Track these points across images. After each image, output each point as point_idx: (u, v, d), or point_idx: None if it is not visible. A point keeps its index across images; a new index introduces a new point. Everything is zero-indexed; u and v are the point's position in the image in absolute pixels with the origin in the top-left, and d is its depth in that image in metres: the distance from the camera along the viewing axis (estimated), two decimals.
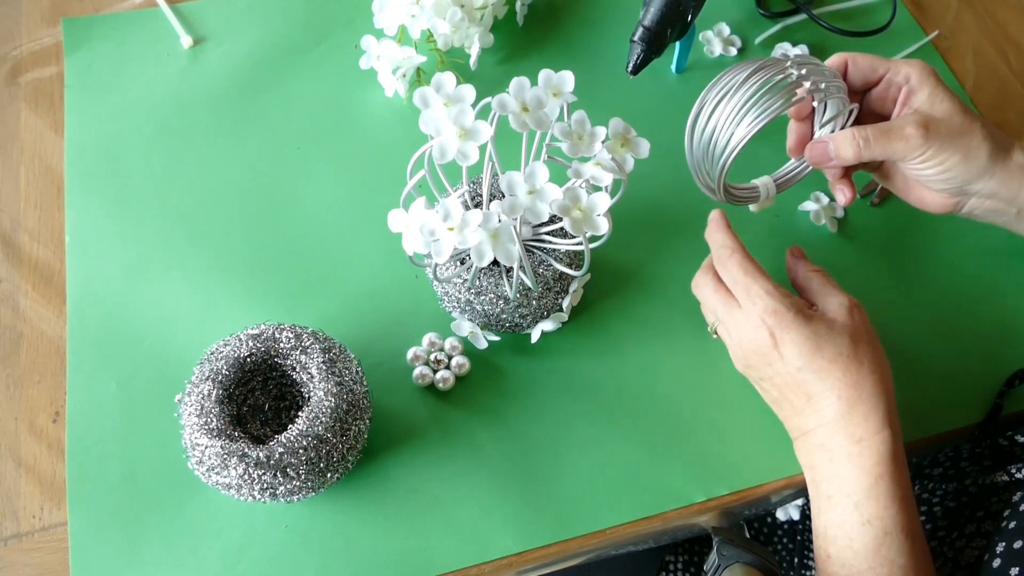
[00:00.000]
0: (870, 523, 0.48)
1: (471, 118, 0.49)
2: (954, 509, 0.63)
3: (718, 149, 0.52)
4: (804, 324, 0.50)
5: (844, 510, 0.49)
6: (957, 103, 0.53)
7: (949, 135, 0.52)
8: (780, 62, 0.52)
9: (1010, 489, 0.58)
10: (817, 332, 0.50)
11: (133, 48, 0.73)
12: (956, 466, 0.65)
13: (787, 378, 0.52)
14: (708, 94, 0.52)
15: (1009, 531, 0.50)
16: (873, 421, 0.49)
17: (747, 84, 0.51)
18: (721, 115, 0.51)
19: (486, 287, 0.56)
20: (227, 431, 0.49)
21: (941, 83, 0.54)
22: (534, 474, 0.57)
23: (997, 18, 0.82)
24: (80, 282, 0.62)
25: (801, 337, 0.50)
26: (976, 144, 0.52)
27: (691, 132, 0.53)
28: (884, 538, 0.48)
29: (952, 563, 0.56)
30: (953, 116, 0.53)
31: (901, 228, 0.69)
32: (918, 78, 0.53)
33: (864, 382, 0.49)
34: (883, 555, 0.48)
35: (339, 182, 0.68)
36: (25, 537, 0.54)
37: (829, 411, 0.50)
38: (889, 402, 0.50)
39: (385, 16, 0.69)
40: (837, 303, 0.52)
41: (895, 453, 0.49)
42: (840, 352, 0.50)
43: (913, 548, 0.48)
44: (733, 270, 0.53)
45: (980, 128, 0.53)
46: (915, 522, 0.49)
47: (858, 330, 0.51)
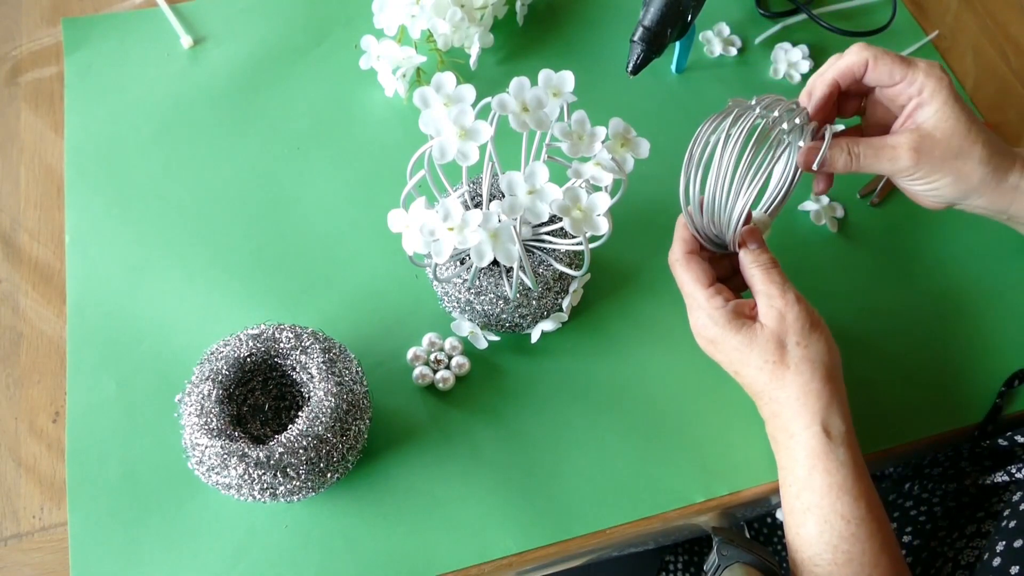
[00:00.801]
0: (809, 511, 0.50)
1: (471, 118, 0.49)
2: (954, 509, 0.63)
3: (724, 215, 0.52)
4: (732, 335, 0.52)
5: (789, 499, 0.52)
6: (963, 122, 0.53)
7: (942, 158, 0.53)
8: (747, 107, 0.52)
9: (1010, 489, 0.58)
10: (743, 343, 0.52)
11: (133, 48, 0.73)
12: (956, 466, 0.65)
13: (735, 378, 0.55)
14: (692, 154, 0.52)
15: (1009, 530, 0.50)
16: (803, 418, 0.51)
17: (730, 143, 0.51)
18: (717, 184, 0.52)
19: (486, 287, 0.56)
20: (227, 431, 0.49)
21: (952, 97, 0.53)
22: (534, 474, 0.57)
23: (997, 18, 0.82)
24: (80, 282, 0.62)
25: (729, 348, 0.52)
26: (970, 169, 0.53)
27: (687, 194, 0.52)
28: (824, 525, 0.50)
29: (952, 563, 0.57)
30: (953, 137, 0.53)
31: (901, 228, 0.69)
32: (930, 92, 0.53)
33: (790, 385, 0.51)
34: (826, 541, 0.49)
35: (339, 182, 0.68)
36: (25, 537, 0.54)
37: (766, 410, 0.53)
38: (821, 398, 0.50)
39: (385, 16, 0.69)
40: (767, 306, 0.52)
41: (826, 446, 0.50)
42: (766, 360, 0.51)
43: (857, 533, 0.49)
44: (677, 276, 0.55)
45: (979, 151, 0.53)
46: (861, 509, 0.49)
47: (786, 333, 0.51)
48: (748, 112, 0.52)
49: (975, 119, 0.53)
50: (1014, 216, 0.56)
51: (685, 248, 0.55)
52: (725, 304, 0.52)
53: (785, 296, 0.52)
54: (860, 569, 0.49)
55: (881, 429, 0.61)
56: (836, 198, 0.69)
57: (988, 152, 0.53)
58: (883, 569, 0.49)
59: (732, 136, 0.51)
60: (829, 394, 0.51)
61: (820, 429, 0.50)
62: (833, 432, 0.50)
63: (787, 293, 0.52)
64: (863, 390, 0.62)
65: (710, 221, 0.53)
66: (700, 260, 0.54)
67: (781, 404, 0.51)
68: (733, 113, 0.52)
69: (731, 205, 0.52)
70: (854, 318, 0.64)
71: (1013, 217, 0.56)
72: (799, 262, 0.66)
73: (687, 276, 0.54)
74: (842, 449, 0.50)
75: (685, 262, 0.54)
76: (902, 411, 0.62)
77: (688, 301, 0.54)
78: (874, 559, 0.49)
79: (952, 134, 0.53)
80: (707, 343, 0.54)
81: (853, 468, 0.50)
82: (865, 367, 0.63)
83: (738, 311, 0.52)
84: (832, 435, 0.50)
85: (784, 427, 0.52)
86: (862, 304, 0.65)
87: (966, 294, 0.66)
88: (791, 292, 0.52)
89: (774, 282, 0.52)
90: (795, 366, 0.51)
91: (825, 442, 0.50)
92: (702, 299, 0.53)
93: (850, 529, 0.49)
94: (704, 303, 0.53)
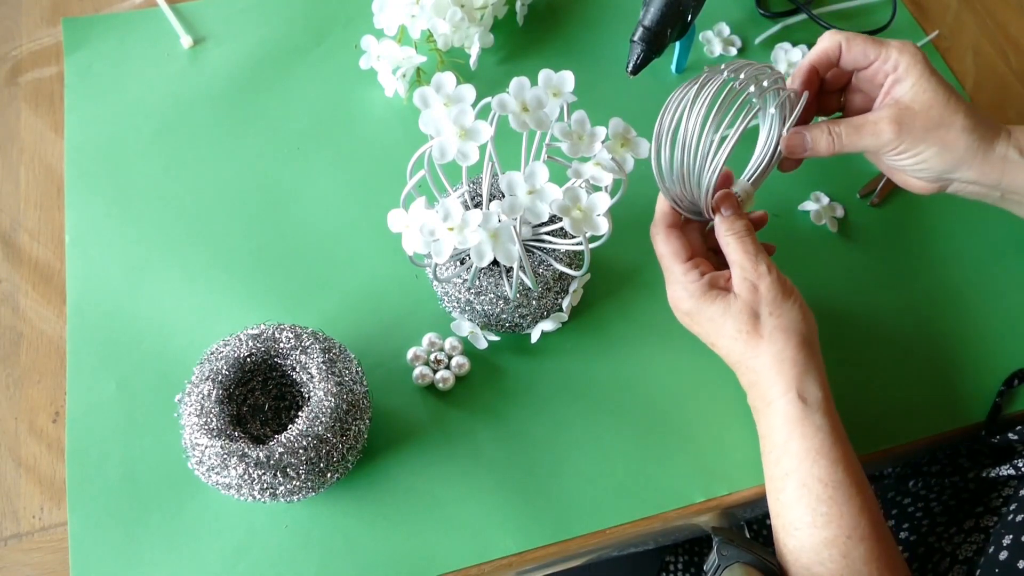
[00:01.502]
0: (788, 476, 0.51)
1: (471, 118, 0.49)
2: (953, 505, 0.63)
3: (695, 182, 0.52)
4: (706, 307, 0.53)
5: (769, 465, 0.52)
6: (941, 93, 0.53)
7: (924, 129, 0.53)
8: (716, 72, 0.52)
9: (1011, 483, 0.58)
10: (717, 313, 0.52)
11: (133, 48, 0.73)
12: (954, 463, 0.66)
13: (712, 349, 0.55)
14: (662, 123, 0.52)
15: (1017, 523, 0.50)
16: (778, 385, 0.51)
17: (697, 105, 0.51)
18: (685, 150, 0.52)
19: (486, 287, 0.56)
20: (227, 431, 0.49)
21: (928, 71, 0.54)
22: (534, 474, 0.57)
23: (997, 18, 0.82)
24: (80, 282, 0.62)
25: (703, 319, 0.53)
26: (953, 137, 0.53)
27: (659, 164, 0.52)
28: (802, 489, 0.50)
29: (950, 557, 0.57)
30: (933, 108, 0.53)
31: (901, 228, 0.69)
32: (905, 67, 0.54)
33: (764, 354, 0.51)
34: (804, 504, 0.50)
35: (339, 182, 0.68)
36: (25, 537, 0.54)
37: (744, 380, 0.54)
38: (796, 366, 0.51)
39: (385, 16, 0.69)
40: (740, 278, 0.53)
41: (802, 412, 0.50)
42: (740, 329, 0.52)
43: (835, 496, 0.49)
44: (656, 250, 0.56)
45: (961, 119, 0.53)
46: (839, 473, 0.50)
47: (759, 303, 0.52)
48: (716, 76, 0.52)
49: (953, 91, 0.54)
50: (1008, 190, 0.56)
51: (666, 221, 0.55)
52: (700, 278, 0.53)
53: (757, 267, 0.52)
54: (839, 531, 0.49)
55: (881, 429, 0.61)
56: (836, 198, 0.69)
57: (971, 121, 0.53)
58: (862, 531, 0.49)
59: (698, 101, 0.51)
60: (804, 361, 0.51)
61: (796, 396, 0.51)
62: (809, 398, 0.51)
63: (759, 264, 0.52)
64: (862, 390, 0.62)
65: (683, 189, 0.53)
66: (679, 234, 0.55)
67: (757, 373, 0.52)
68: (700, 79, 0.52)
69: (700, 170, 0.52)
70: (853, 317, 0.64)
71: (1007, 192, 0.56)
72: (799, 262, 0.66)
73: (665, 249, 0.55)
74: (819, 415, 0.50)
75: (665, 236, 0.55)
76: (902, 411, 0.62)
77: (666, 275, 0.55)
78: (853, 522, 0.49)
79: (931, 104, 0.53)
80: (683, 315, 0.55)
81: (831, 433, 0.50)
82: (864, 367, 0.63)
83: (712, 283, 0.53)
84: (808, 401, 0.51)
85: (762, 395, 0.52)
86: (862, 304, 0.65)
87: (966, 294, 0.66)
88: (763, 262, 0.52)
89: (747, 252, 0.53)
90: (768, 335, 0.51)
91: (801, 407, 0.50)
92: (678, 273, 0.54)
93: (827, 492, 0.49)
94: (680, 276, 0.54)
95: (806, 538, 0.50)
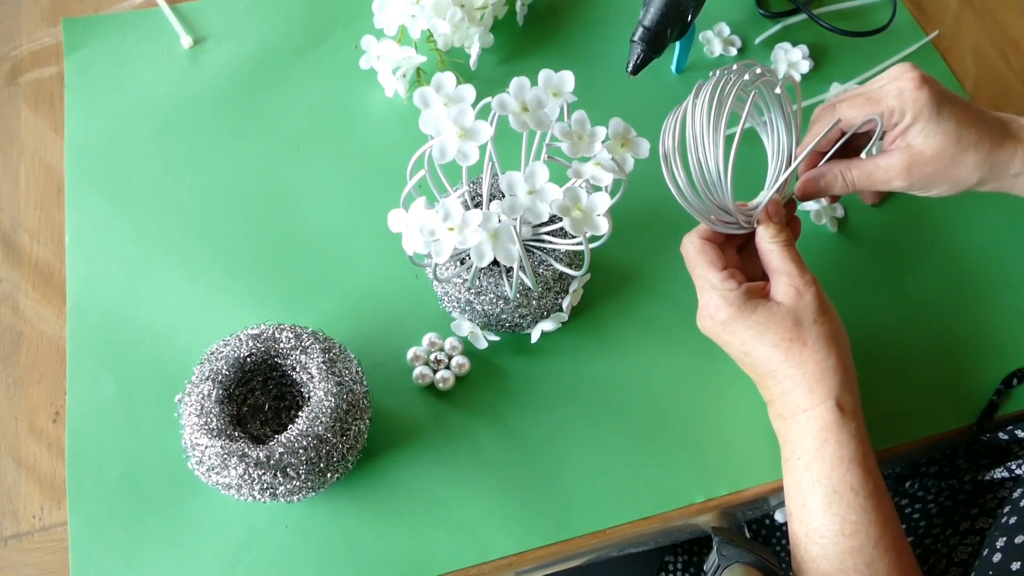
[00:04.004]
0: (819, 482, 0.50)
1: (471, 118, 0.49)
2: (949, 507, 0.63)
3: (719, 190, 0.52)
4: (748, 315, 0.52)
5: (797, 470, 0.52)
6: (951, 133, 0.53)
7: (936, 172, 0.54)
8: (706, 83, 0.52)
9: (1007, 485, 0.58)
10: (758, 322, 0.52)
11: (133, 48, 0.73)
12: (951, 463, 0.65)
13: (740, 359, 0.54)
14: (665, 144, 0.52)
15: (1010, 526, 0.50)
16: (818, 393, 0.51)
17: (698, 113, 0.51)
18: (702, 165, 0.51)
19: (486, 287, 0.56)
20: (227, 431, 0.49)
21: (935, 112, 0.53)
22: (534, 474, 0.57)
23: (997, 18, 0.82)
24: (80, 282, 0.62)
25: (743, 327, 0.52)
26: (965, 174, 0.54)
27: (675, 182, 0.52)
28: (833, 496, 0.50)
29: (946, 559, 0.57)
30: (945, 149, 0.53)
31: (901, 228, 0.69)
32: (912, 115, 0.53)
33: (807, 361, 0.51)
34: (834, 512, 0.50)
35: (339, 182, 0.68)
36: (25, 537, 0.54)
37: (776, 388, 0.53)
38: (837, 374, 0.51)
39: (385, 16, 0.69)
40: (786, 284, 0.52)
41: (839, 420, 0.50)
42: (783, 337, 0.51)
43: (865, 505, 0.49)
44: (687, 260, 0.55)
45: (972, 156, 0.53)
46: (870, 483, 0.50)
47: (803, 311, 0.52)
48: (706, 84, 0.52)
49: (964, 120, 0.53)
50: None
51: (702, 233, 0.55)
52: (738, 286, 0.52)
53: (803, 275, 0.52)
54: (866, 541, 0.49)
55: (880, 429, 0.61)
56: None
57: (981, 156, 0.53)
58: (887, 542, 0.49)
59: (697, 109, 0.51)
60: (843, 370, 0.51)
61: (834, 403, 0.51)
62: (846, 407, 0.51)
63: (805, 273, 0.52)
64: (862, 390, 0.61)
65: (711, 203, 0.53)
66: (714, 245, 0.55)
67: (795, 381, 0.51)
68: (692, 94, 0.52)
69: (717, 177, 0.52)
70: (853, 318, 0.64)
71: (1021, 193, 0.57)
72: None
73: (701, 259, 0.54)
74: (853, 424, 0.51)
75: (700, 245, 0.54)
76: (901, 411, 0.62)
77: (700, 283, 0.54)
78: (879, 533, 0.49)
79: (942, 147, 0.53)
80: (717, 325, 0.54)
81: (863, 442, 0.51)
82: (864, 367, 0.62)
83: (751, 293, 0.53)
84: (845, 410, 0.51)
85: (796, 403, 0.52)
86: (861, 304, 0.65)
87: (965, 294, 0.66)
88: (808, 272, 0.53)
89: (793, 260, 0.53)
90: (812, 343, 0.51)
91: (839, 415, 0.50)
92: (716, 281, 0.53)
93: (858, 501, 0.49)
94: (718, 284, 0.53)
95: (831, 546, 0.50)
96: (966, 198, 0.70)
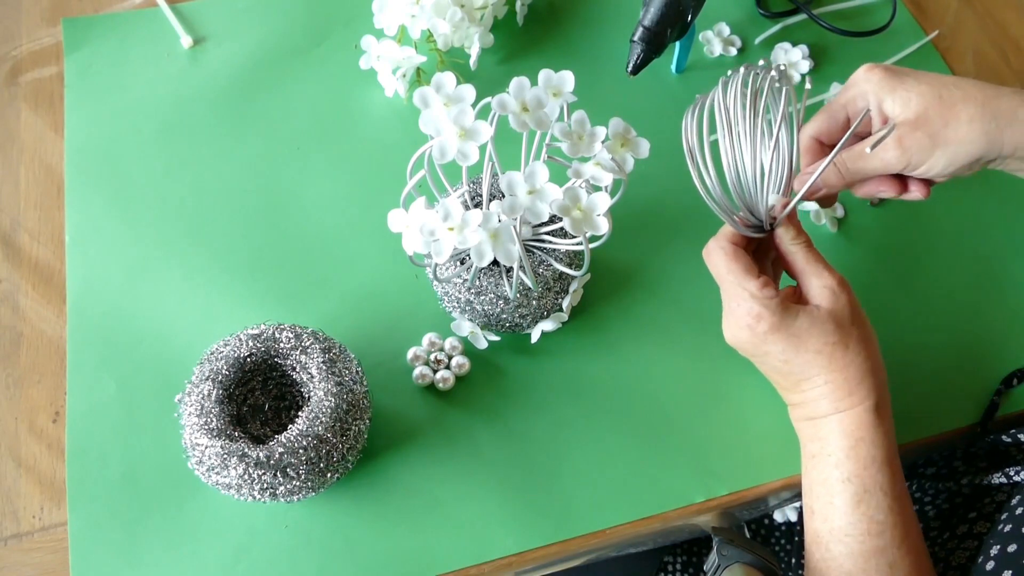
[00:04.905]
0: (849, 481, 0.50)
1: (471, 118, 0.49)
2: (947, 510, 0.62)
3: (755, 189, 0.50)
4: (789, 324, 0.50)
5: (825, 468, 0.51)
6: (927, 94, 0.51)
7: (930, 137, 0.51)
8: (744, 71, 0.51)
9: (1004, 491, 0.58)
10: (800, 328, 0.50)
11: (133, 48, 0.73)
12: (949, 466, 0.65)
13: (775, 367, 0.53)
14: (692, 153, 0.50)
15: (1004, 534, 0.50)
16: (857, 394, 0.50)
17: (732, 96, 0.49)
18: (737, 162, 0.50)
19: (486, 287, 0.56)
20: (227, 431, 0.49)
21: (895, 80, 0.52)
22: (534, 474, 0.57)
23: (997, 18, 0.82)
24: (80, 282, 0.62)
25: (784, 336, 0.50)
26: (964, 132, 0.50)
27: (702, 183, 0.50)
28: (864, 495, 0.49)
29: (943, 563, 0.57)
30: (928, 108, 0.51)
31: (901, 228, 0.69)
32: (874, 93, 0.52)
33: (850, 365, 0.50)
34: (862, 511, 0.49)
35: (339, 182, 0.68)
36: (25, 537, 0.54)
37: (815, 392, 0.52)
38: (875, 375, 0.51)
39: (385, 16, 0.69)
40: (820, 285, 0.51)
41: (876, 421, 0.50)
42: (826, 342, 0.50)
43: (893, 506, 0.49)
44: (717, 266, 0.53)
45: (964, 110, 0.50)
46: (898, 485, 0.50)
47: (843, 312, 0.50)
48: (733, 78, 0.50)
49: (937, 81, 0.51)
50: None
51: (729, 238, 0.53)
52: (776, 293, 0.51)
53: (834, 275, 0.51)
54: (891, 542, 0.49)
55: None
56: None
57: (974, 108, 0.50)
58: (910, 544, 0.49)
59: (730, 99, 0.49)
60: (880, 371, 0.51)
61: (873, 404, 0.50)
62: (882, 408, 0.50)
63: (835, 273, 0.51)
64: None
65: (740, 203, 0.51)
66: (746, 252, 0.52)
67: (835, 384, 0.50)
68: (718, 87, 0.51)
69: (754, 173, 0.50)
70: None
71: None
72: None
73: (735, 265, 0.51)
74: (887, 424, 0.50)
75: (732, 251, 0.52)
76: (901, 411, 0.61)
77: (735, 292, 0.51)
78: (902, 534, 0.49)
79: (923, 108, 0.51)
80: (757, 335, 0.51)
81: (892, 444, 0.50)
82: None
83: (787, 299, 0.51)
84: (881, 410, 0.50)
85: (832, 405, 0.51)
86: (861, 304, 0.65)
87: (965, 295, 0.66)
88: (837, 272, 0.52)
89: (820, 261, 0.52)
90: (853, 346, 0.50)
91: (876, 416, 0.50)
92: (754, 288, 0.50)
93: (887, 501, 0.49)
94: (757, 292, 0.50)
95: (856, 545, 0.49)
96: (966, 198, 0.70)
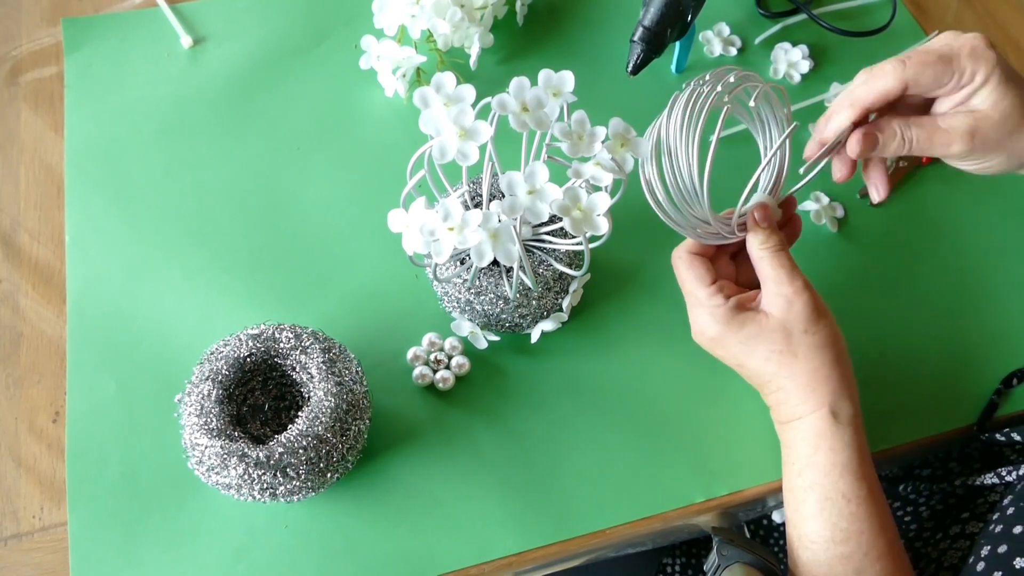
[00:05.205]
0: (811, 488, 0.50)
1: (471, 118, 0.49)
2: (941, 511, 0.62)
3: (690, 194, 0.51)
4: (736, 330, 0.51)
5: (792, 477, 0.52)
6: (1020, 97, 0.50)
7: (997, 141, 0.50)
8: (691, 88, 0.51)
9: (997, 491, 0.58)
10: (749, 336, 0.51)
11: (133, 48, 0.73)
12: (945, 466, 0.65)
13: (735, 369, 0.54)
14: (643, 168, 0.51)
15: (995, 535, 0.50)
16: (811, 402, 0.51)
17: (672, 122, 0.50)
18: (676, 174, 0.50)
19: (486, 287, 0.56)
20: (227, 431, 0.49)
21: (1006, 74, 0.50)
22: (534, 474, 0.57)
23: (997, 18, 0.82)
24: (80, 282, 0.62)
25: (734, 342, 0.52)
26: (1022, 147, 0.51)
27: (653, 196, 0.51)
28: (824, 502, 0.50)
29: (936, 563, 0.57)
30: (1011, 115, 0.50)
31: (901, 228, 0.69)
32: (984, 75, 0.49)
33: (799, 372, 0.51)
34: (824, 518, 0.50)
35: (339, 182, 0.68)
36: (25, 537, 0.54)
37: (772, 397, 0.53)
38: (831, 383, 0.51)
39: (385, 16, 0.69)
40: (776, 293, 0.51)
41: (833, 426, 0.50)
42: (772, 350, 0.51)
43: (857, 513, 0.49)
44: (677, 274, 0.54)
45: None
46: (863, 490, 0.50)
47: (793, 321, 0.50)
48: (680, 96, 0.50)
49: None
50: None
51: (689, 247, 0.54)
52: (726, 301, 0.52)
53: (793, 283, 0.51)
54: (857, 548, 0.49)
55: (880, 430, 0.60)
56: (836, 198, 0.69)
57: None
58: (880, 550, 0.49)
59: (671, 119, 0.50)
60: (838, 379, 0.51)
61: (828, 412, 0.50)
62: (841, 415, 0.50)
63: (795, 280, 0.51)
64: (861, 391, 0.61)
65: (691, 216, 0.52)
66: (703, 259, 0.54)
67: (788, 392, 0.51)
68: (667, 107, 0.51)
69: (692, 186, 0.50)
70: (853, 318, 0.64)
71: None
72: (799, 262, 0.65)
73: (689, 274, 0.53)
74: (849, 430, 0.50)
75: (688, 260, 0.54)
76: (901, 412, 0.62)
77: (689, 299, 0.54)
78: (871, 539, 0.49)
79: (1009, 113, 0.50)
80: (708, 341, 0.53)
81: (857, 450, 0.50)
82: (863, 368, 0.62)
83: (740, 305, 0.52)
84: (839, 417, 0.50)
85: (791, 411, 0.52)
86: (861, 304, 0.65)
87: (965, 295, 0.66)
88: (799, 279, 0.51)
89: (783, 267, 0.51)
90: (804, 353, 0.50)
91: (832, 423, 0.50)
92: (703, 297, 0.52)
93: (850, 508, 0.49)
94: (705, 301, 0.52)
95: (822, 552, 0.49)
96: (965, 198, 0.70)
